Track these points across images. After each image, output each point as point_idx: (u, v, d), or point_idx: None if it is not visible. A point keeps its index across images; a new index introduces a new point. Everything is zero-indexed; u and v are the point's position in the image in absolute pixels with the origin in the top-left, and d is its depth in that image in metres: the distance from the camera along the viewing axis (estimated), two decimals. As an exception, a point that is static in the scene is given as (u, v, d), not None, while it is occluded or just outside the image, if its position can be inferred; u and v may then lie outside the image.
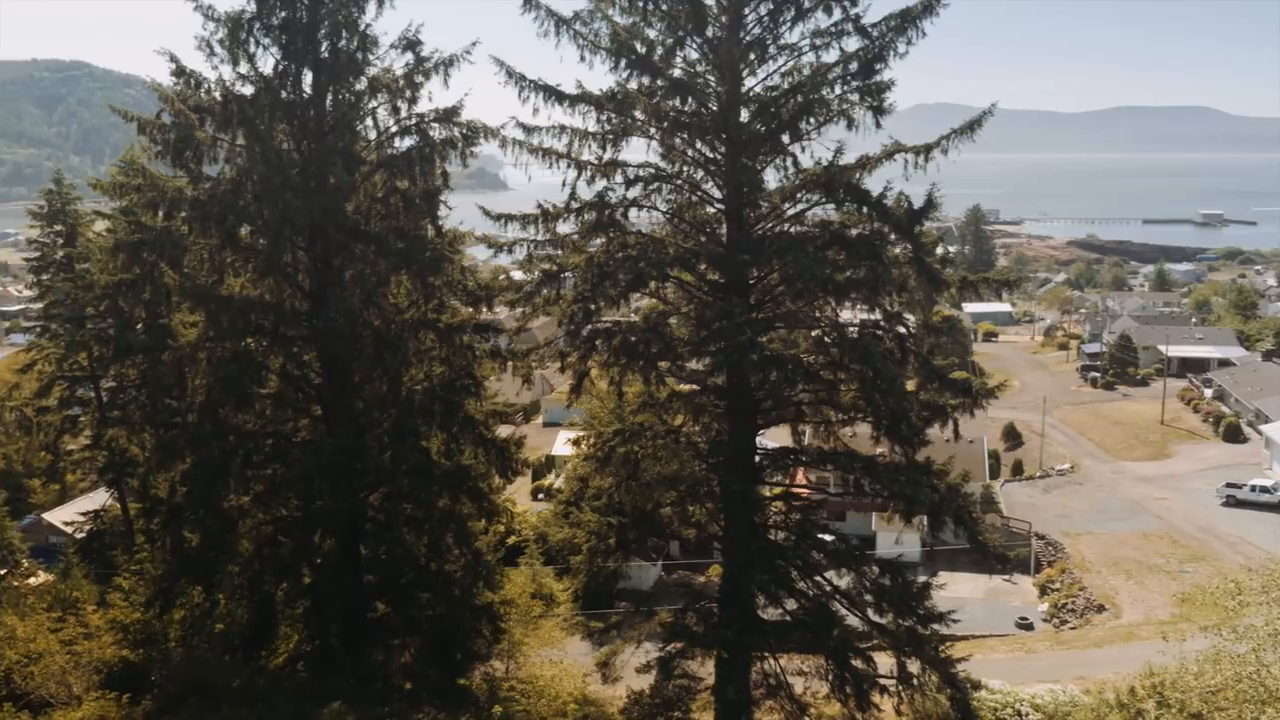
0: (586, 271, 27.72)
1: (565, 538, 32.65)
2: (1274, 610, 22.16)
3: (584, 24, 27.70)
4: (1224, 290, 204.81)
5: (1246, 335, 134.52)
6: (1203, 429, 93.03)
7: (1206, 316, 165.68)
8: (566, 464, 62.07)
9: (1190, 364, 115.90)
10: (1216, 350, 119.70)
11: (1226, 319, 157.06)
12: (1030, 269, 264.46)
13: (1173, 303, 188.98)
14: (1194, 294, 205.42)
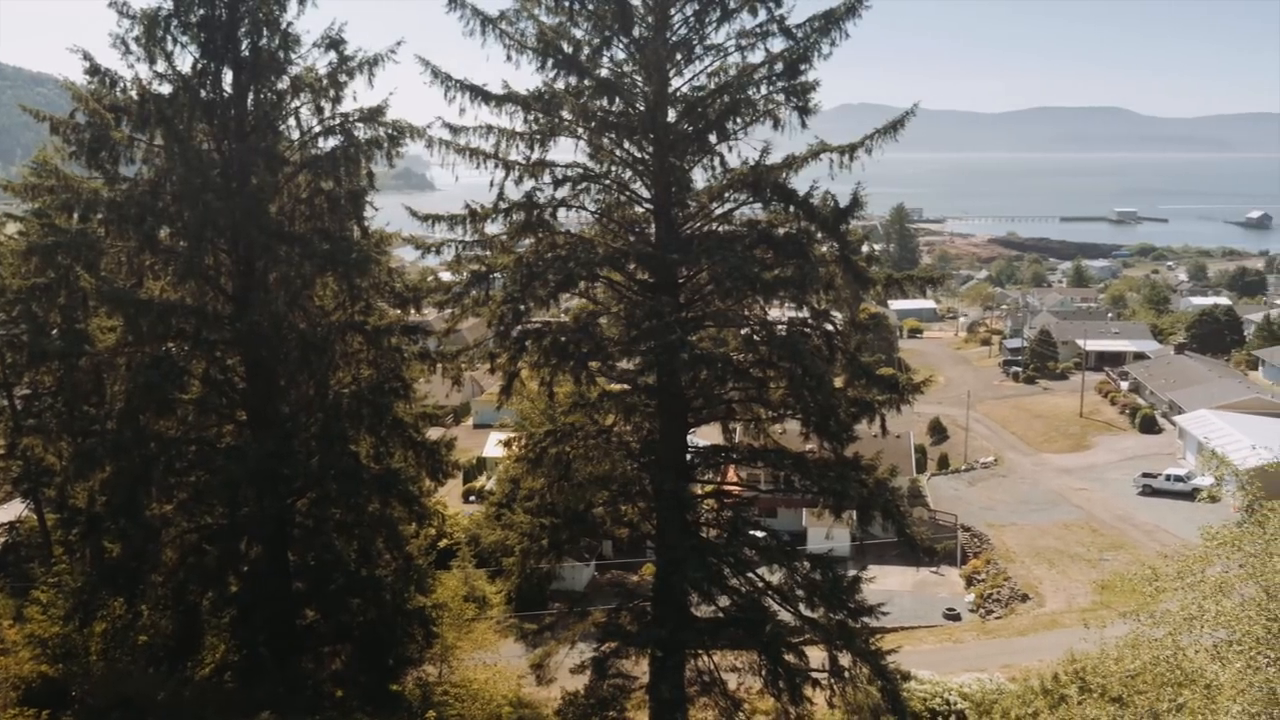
0: (515, 272, 27.61)
1: (497, 540, 32.49)
2: (1189, 595, 22.82)
3: (510, 23, 27.59)
4: (1138, 286, 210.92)
5: (1160, 329, 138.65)
6: (1120, 421, 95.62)
7: (1122, 311, 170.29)
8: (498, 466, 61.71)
9: (1107, 358, 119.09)
10: (1132, 344, 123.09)
11: (1141, 314, 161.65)
12: (953, 266, 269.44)
13: (1090, 298, 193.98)
14: (1110, 290, 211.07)
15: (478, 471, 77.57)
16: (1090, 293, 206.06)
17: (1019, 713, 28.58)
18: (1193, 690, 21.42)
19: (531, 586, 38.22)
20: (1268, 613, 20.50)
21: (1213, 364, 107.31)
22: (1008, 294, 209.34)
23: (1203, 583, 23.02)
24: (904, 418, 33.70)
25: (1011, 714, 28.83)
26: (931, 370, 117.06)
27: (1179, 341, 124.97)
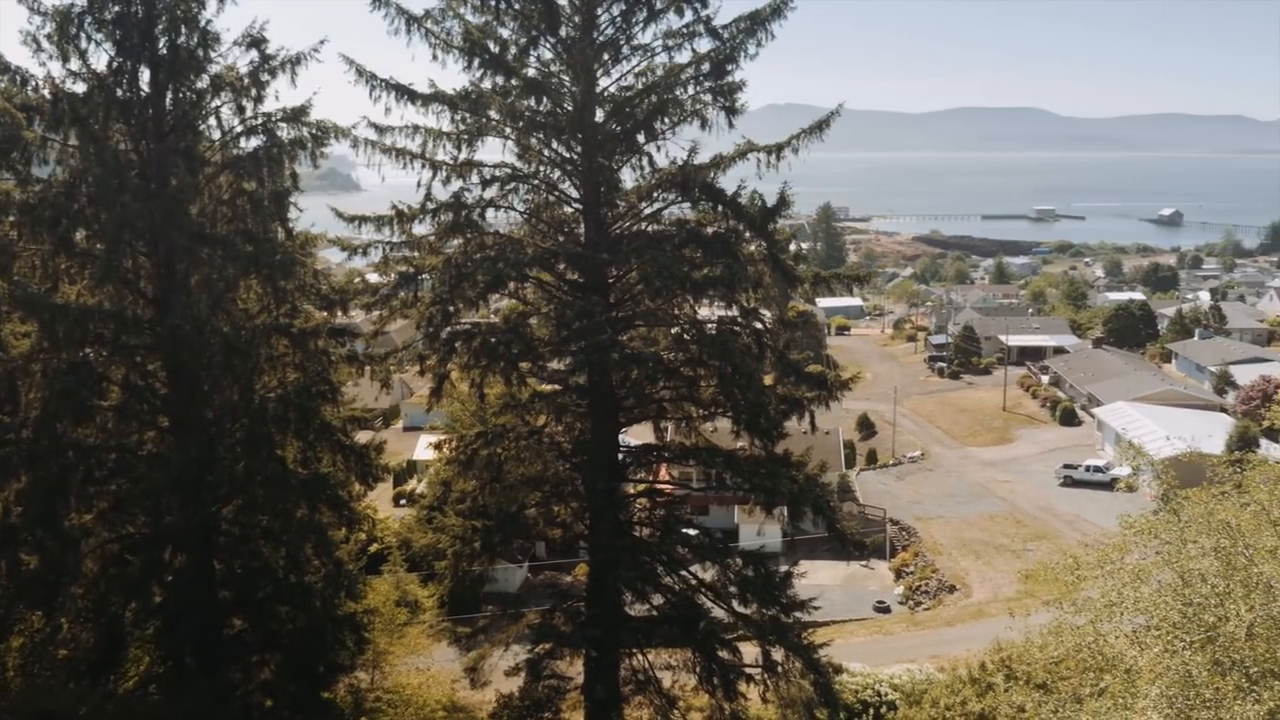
0: (444, 273, 27.41)
1: (429, 543, 32.19)
2: (1109, 583, 23.43)
3: (435, 22, 27.39)
4: (1057, 282, 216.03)
5: (1079, 324, 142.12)
6: (1041, 414, 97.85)
7: (1042, 307, 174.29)
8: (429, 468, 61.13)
9: (1029, 352, 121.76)
10: (1052, 339, 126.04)
11: (1060, 309, 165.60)
12: (879, 264, 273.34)
13: (1011, 294, 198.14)
14: (1030, 286, 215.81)
15: (408, 475, 76.75)
16: (1011, 289, 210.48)
17: (948, 701, 29.15)
18: (1114, 675, 22.03)
19: (464, 589, 37.92)
20: (1183, 598, 21.14)
21: (1129, 357, 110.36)
22: (932, 291, 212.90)
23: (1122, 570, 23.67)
24: (833, 414, 34.14)
25: (940, 703, 29.38)
26: (859, 367, 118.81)
27: (1097, 336, 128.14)
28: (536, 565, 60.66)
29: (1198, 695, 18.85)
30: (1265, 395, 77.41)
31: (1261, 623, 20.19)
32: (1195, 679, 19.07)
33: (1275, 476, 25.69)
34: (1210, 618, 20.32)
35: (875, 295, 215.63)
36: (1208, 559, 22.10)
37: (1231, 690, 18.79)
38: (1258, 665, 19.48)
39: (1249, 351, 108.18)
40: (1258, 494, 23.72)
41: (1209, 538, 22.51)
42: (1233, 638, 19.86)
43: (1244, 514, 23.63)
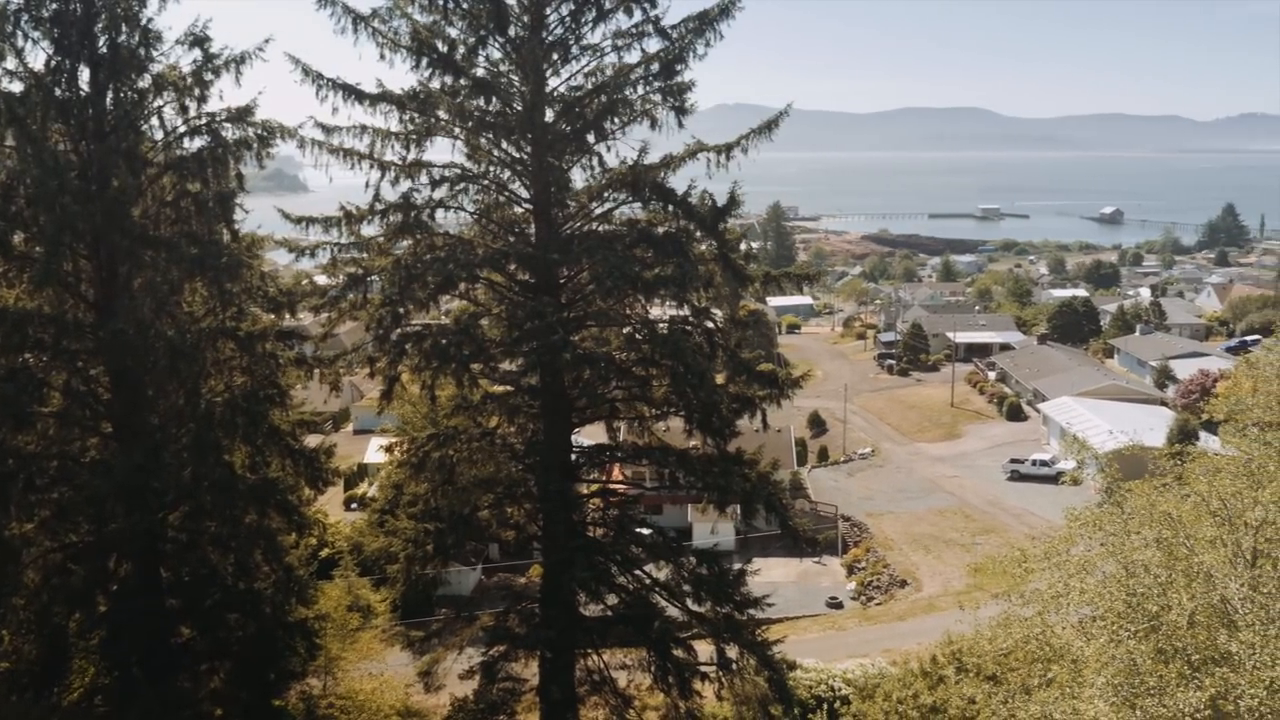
0: (394, 274, 27.20)
1: (381, 547, 31.92)
2: (1055, 575, 23.84)
3: (383, 21, 27.17)
4: (1003, 279, 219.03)
5: (1024, 320, 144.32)
6: (988, 409, 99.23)
7: (988, 304, 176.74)
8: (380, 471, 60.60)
9: (975, 349, 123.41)
10: (998, 335, 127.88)
11: (1006, 306, 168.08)
12: (828, 263, 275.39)
13: (958, 292, 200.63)
14: (977, 283, 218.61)
15: (359, 478, 76.00)
16: (958, 287, 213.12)
17: (900, 695, 29.41)
18: (1061, 665, 22.41)
19: (417, 593, 37.60)
20: (1127, 589, 21.55)
21: (1072, 353, 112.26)
22: (881, 289, 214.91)
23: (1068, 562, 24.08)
24: (784, 412, 34.36)
25: (893, 697, 29.64)
26: (810, 365, 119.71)
27: (1041, 332, 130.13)
28: (490, 567, 60.37)
29: (1142, 683, 19.22)
30: (1204, 389, 79.06)
31: (1202, 611, 20.65)
32: (1140, 667, 19.45)
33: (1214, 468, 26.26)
34: (1153, 607, 20.74)
35: (825, 294, 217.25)
36: (1150, 550, 22.56)
37: (1175, 678, 19.19)
38: (1199, 653, 19.91)
39: (1188, 346, 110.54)
40: (1198, 485, 24.25)
41: (1151, 529, 22.99)
42: (1175, 626, 20.30)
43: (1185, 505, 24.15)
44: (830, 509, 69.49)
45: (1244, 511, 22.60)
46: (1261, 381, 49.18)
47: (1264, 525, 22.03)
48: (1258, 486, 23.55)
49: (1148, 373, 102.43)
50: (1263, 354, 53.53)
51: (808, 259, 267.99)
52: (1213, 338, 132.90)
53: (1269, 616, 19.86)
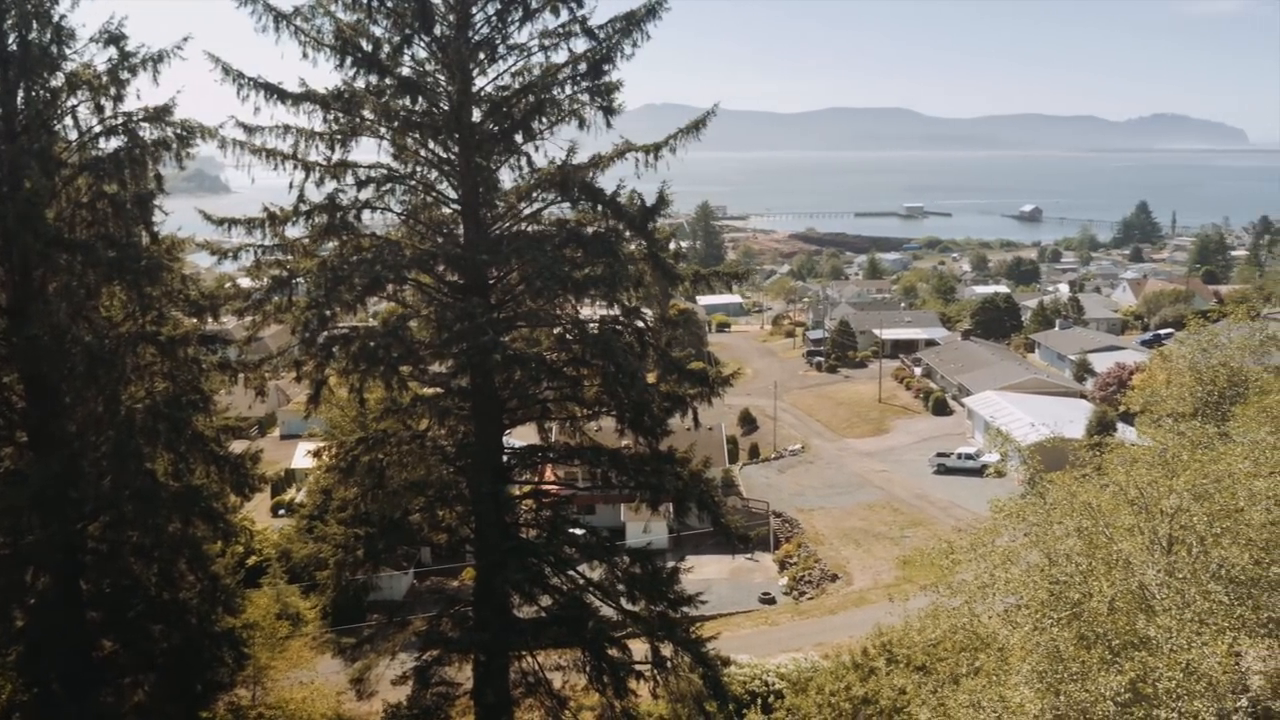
0: (320, 276, 26.83)
1: (310, 553, 31.48)
2: (981, 566, 24.36)
3: (305, 20, 26.79)
4: (927, 277, 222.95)
5: (948, 317, 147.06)
6: (915, 404, 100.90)
7: (914, 301, 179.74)
8: (308, 477, 59.74)
9: (902, 345, 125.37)
10: (923, 332, 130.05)
11: (931, 303, 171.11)
12: (757, 262, 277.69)
13: (884, 289, 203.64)
14: (902, 281, 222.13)
15: (287, 484, 74.75)
16: (884, 284, 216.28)
17: (832, 688, 29.79)
18: (988, 654, 22.90)
19: (348, 599, 37.17)
20: (1050, 577, 22.10)
21: (995, 348, 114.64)
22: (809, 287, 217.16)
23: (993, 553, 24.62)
24: (715, 410, 34.54)
25: (826, 690, 30.01)
26: (740, 363, 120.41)
27: (965, 328, 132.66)
28: (422, 571, 59.81)
29: (1065, 669, 19.72)
30: (1120, 381, 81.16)
31: (1122, 597, 21.26)
32: (1063, 654, 19.95)
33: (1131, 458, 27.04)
34: (1075, 595, 21.30)
35: (754, 292, 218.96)
36: (1072, 539, 23.17)
37: (1096, 663, 19.72)
38: (1119, 638, 20.50)
39: (1105, 340, 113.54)
40: (1116, 475, 24.95)
41: (1073, 519, 23.60)
42: (1096, 613, 20.87)
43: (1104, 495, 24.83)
44: (762, 505, 70.07)
45: (1160, 500, 23.31)
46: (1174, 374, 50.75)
47: (1179, 513, 22.74)
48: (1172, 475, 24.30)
49: (1067, 366, 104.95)
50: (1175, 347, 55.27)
51: (737, 258, 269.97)
52: (1128, 332, 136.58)
53: (1184, 601, 20.51)
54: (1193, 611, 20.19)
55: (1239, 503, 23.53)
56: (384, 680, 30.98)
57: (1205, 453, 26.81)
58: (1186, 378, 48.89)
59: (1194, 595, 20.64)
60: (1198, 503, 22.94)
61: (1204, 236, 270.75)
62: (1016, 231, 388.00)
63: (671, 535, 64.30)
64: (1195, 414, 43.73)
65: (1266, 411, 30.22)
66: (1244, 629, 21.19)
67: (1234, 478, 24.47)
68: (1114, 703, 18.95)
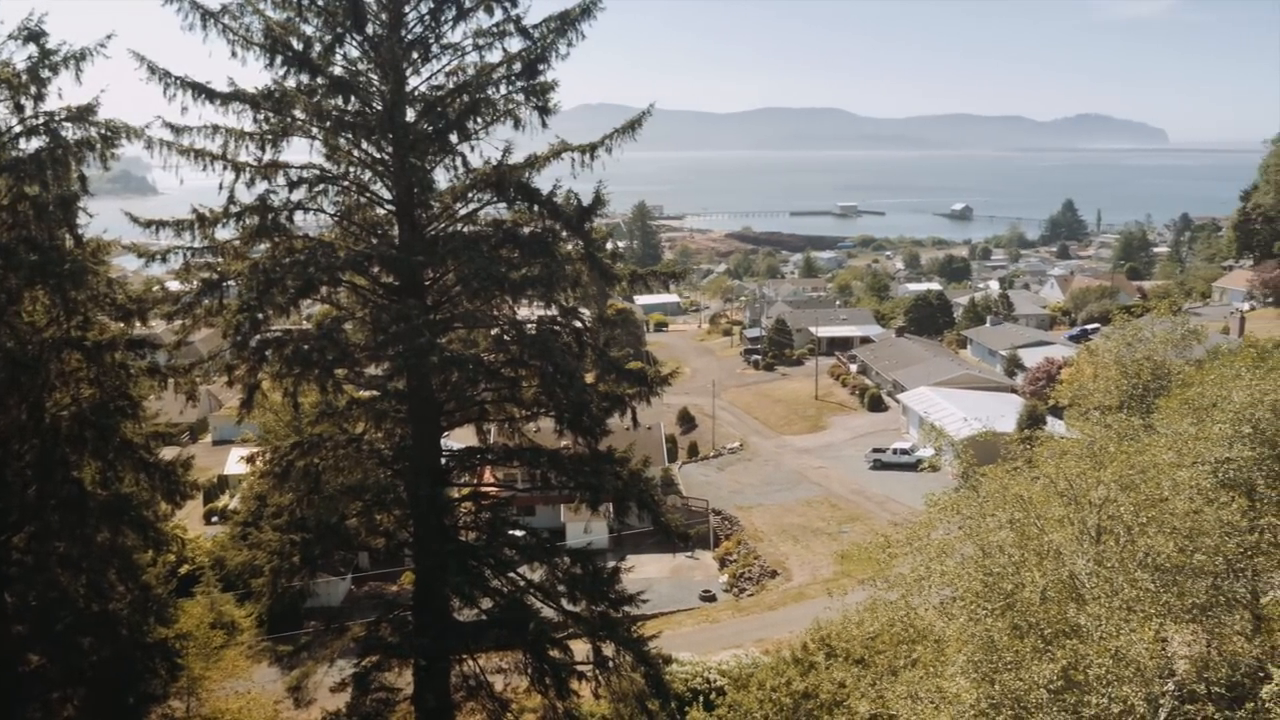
0: (251, 279, 26.38)
1: (245, 560, 31.00)
2: (918, 559, 24.78)
3: (233, 18, 26.35)
4: (862, 275, 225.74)
5: (882, 314, 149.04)
6: (851, 401, 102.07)
7: (849, 299, 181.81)
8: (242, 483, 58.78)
9: (837, 343, 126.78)
10: (858, 329, 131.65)
11: (865, 300, 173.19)
12: (694, 261, 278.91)
13: (820, 288, 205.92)
14: (837, 279, 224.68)
15: (220, 490, 73.46)
16: (820, 282, 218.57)
17: (773, 683, 30.08)
18: (925, 645, 23.27)
19: (284, 606, 36.64)
20: (984, 569, 22.53)
21: (928, 344, 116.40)
22: (745, 286, 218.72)
23: (929, 546, 25.04)
24: (654, 409, 34.65)
25: (766, 685, 30.29)
26: (678, 362, 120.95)
27: (899, 325, 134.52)
28: (360, 576, 59.16)
29: (1000, 659, 20.11)
30: (1049, 376, 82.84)
31: (1053, 587, 21.74)
32: (997, 644, 20.34)
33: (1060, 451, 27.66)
34: (1008, 585, 21.73)
35: (691, 291, 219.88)
36: (1004, 531, 23.65)
37: (1029, 651, 20.13)
38: (1051, 627, 20.96)
39: (1034, 336, 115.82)
40: (1046, 468, 25.53)
41: (1005, 511, 24.09)
42: (1029, 603, 21.32)
43: (1035, 487, 25.38)
44: (701, 504, 70.39)
45: (1088, 491, 23.88)
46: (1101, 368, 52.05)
47: (1106, 503, 23.33)
48: (1100, 467, 24.90)
49: (998, 362, 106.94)
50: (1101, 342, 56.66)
51: (673, 257, 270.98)
52: (1057, 327, 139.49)
53: (1113, 589, 21.04)
54: (1121, 599, 20.72)
55: (1164, 492, 24.19)
56: (322, 688, 30.58)
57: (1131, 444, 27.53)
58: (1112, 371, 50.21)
59: (1122, 583, 21.18)
60: (1124, 493, 23.54)
61: (1128, 234, 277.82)
62: (948, 230, 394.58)
63: (612, 535, 64.33)
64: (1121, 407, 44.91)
65: (1189, 403, 31.08)
66: (1170, 615, 21.80)
67: (1159, 468, 25.16)
68: (1047, 690, 19.35)
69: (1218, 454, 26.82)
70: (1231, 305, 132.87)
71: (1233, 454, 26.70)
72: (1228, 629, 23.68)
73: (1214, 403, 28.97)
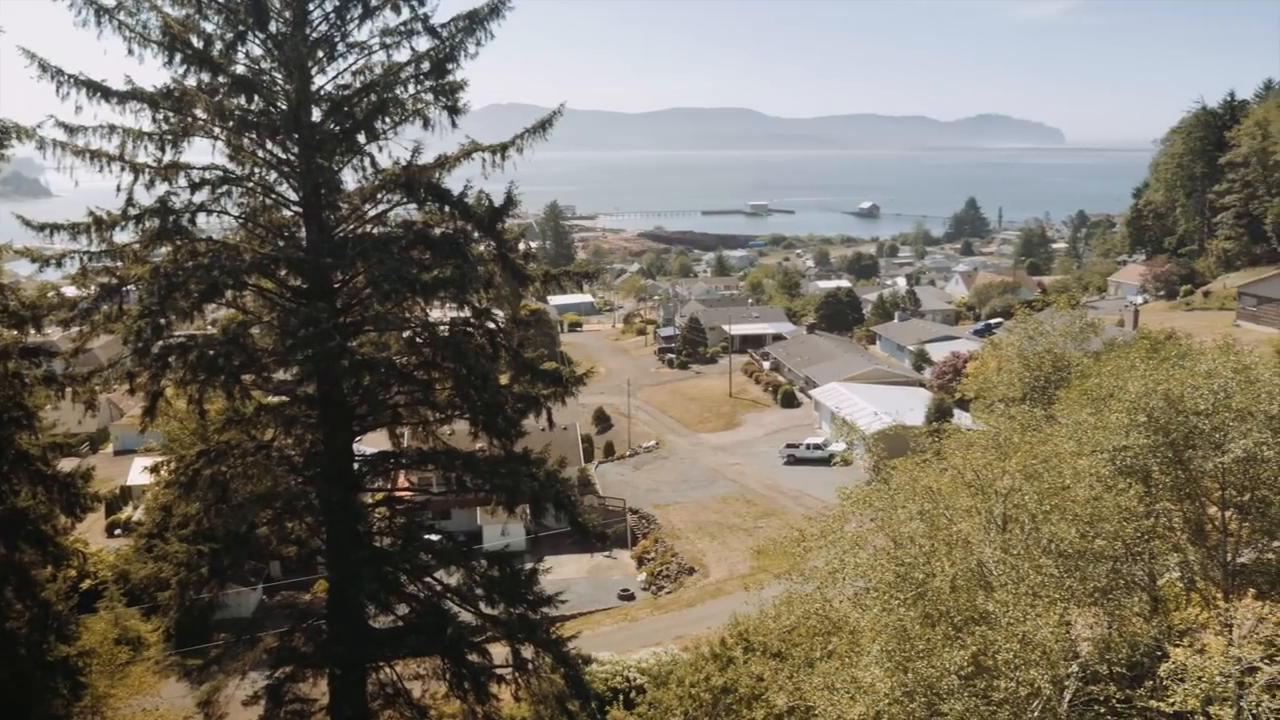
0: (153, 283, 25.65)
1: (151, 573, 30.15)
2: (832, 552, 25.21)
3: (130, 14, 25.60)
4: (773, 273, 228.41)
5: (794, 311, 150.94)
6: (764, 398, 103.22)
7: (760, 297, 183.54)
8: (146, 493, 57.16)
9: (750, 340, 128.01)
10: (771, 326, 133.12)
11: (777, 298, 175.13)
12: (607, 261, 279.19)
13: (732, 286, 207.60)
14: (749, 277, 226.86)
15: (123, 502, 71.25)
16: (732, 281, 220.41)
17: (693, 679, 30.31)
18: (840, 636, 23.69)
19: (193, 619, 35.69)
20: (896, 560, 23.02)
21: (839, 340, 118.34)
22: (659, 285, 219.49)
23: (842, 539, 25.50)
24: (569, 409, 34.63)
25: (686, 681, 30.50)
26: (593, 362, 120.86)
27: (810, 322, 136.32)
28: (272, 586, 57.92)
29: (912, 647, 20.57)
30: (955, 369, 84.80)
31: (962, 575, 22.32)
32: (910, 632, 20.81)
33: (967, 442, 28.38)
34: (919, 575, 22.24)
35: (605, 291, 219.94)
36: (915, 522, 24.20)
37: (941, 639, 20.63)
38: (961, 614, 21.51)
39: (941, 331, 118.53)
40: (954, 459, 26.18)
41: (915, 502, 24.66)
42: (939, 592, 21.84)
43: (944, 478, 26.01)
44: (619, 503, 70.52)
45: (994, 481, 24.56)
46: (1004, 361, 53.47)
47: (1011, 492, 24.02)
48: (1005, 457, 25.63)
49: (906, 356, 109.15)
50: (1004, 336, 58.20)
51: (587, 257, 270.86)
52: (962, 322, 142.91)
53: (1019, 576, 21.67)
54: (1027, 585, 21.35)
55: (1065, 481, 25.01)
56: (234, 702, 29.89)
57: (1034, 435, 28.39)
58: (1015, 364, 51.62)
59: (1027, 570, 21.83)
60: (1028, 482, 24.27)
61: (1028, 230, 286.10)
62: (856, 228, 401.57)
63: (529, 536, 64.09)
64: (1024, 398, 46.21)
65: (1087, 394, 32.15)
66: (1073, 599, 22.54)
67: (1060, 457, 26.00)
68: (958, 676, 19.86)
69: (1115, 442, 27.82)
70: (1126, 299, 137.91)
71: (1129, 442, 27.72)
72: (1127, 610, 24.59)
73: (1111, 393, 30.01)
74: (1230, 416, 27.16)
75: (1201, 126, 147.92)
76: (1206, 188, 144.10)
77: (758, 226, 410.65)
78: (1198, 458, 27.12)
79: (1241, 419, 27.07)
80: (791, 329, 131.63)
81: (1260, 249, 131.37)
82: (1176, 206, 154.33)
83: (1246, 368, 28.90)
